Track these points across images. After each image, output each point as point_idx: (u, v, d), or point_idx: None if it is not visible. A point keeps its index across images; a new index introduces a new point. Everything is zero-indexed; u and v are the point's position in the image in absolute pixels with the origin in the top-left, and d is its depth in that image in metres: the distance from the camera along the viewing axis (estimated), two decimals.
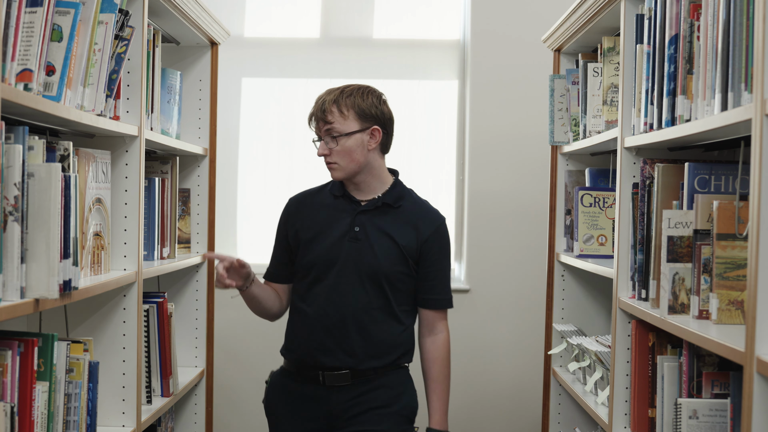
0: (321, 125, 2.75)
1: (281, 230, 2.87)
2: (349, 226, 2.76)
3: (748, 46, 1.85)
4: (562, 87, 3.64)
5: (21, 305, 1.91)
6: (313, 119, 2.77)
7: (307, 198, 2.87)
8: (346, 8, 4.59)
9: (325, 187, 2.88)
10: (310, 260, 2.76)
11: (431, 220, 2.83)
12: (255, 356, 4.48)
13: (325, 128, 2.74)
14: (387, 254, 2.75)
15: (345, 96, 2.79)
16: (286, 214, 2.86)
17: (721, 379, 2.23)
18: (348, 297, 2.73)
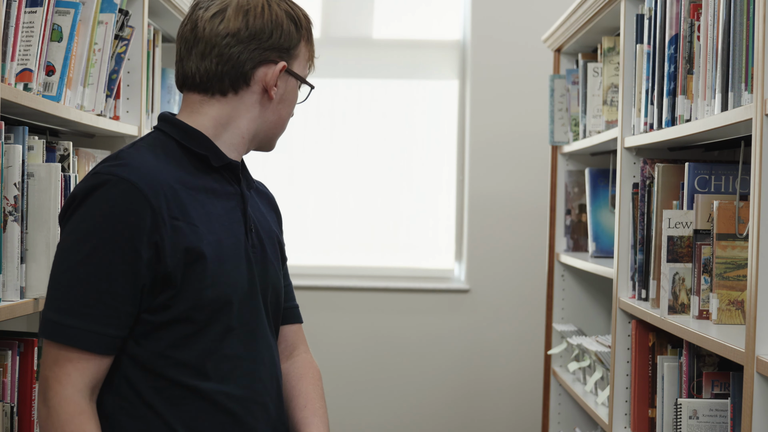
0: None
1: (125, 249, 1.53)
2: (243, 222, 1.70)
3: (748, 46, 1.85)
4: (562, 87, 3.64)
5: (21, 305, 1.91)
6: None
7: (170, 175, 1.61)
8: (346, 8, 4.59)
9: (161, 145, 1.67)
10: (218, 294, 1.61)
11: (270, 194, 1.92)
12: None
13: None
14: (278, 262, 1.79)
15: None
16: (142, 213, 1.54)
17: (721, 379, 2.23)
18: (266, 351, 1.71)
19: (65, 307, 1.52)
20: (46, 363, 1.53)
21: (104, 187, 1.54)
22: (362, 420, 4.51)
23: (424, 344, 4.51)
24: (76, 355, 1.52)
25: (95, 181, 1.55)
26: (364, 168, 4.59)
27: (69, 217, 1.56)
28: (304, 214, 4.57)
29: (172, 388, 1.59)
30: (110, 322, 1.53)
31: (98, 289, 1.52)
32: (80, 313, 1.52)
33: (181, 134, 1.67)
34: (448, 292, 4.52)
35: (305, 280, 4.48)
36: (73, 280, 1.52)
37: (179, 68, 1.69)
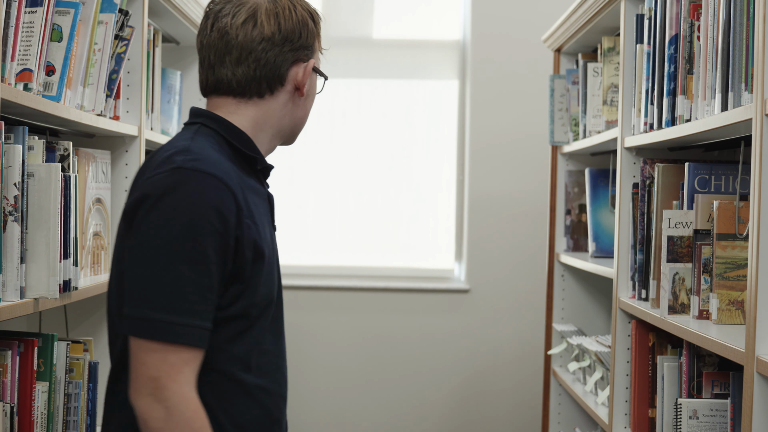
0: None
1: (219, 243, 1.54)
2: (272, 222, 1.77)
3: (748, 46, 1.85)
4: (562, 87, 3.64)
5: (21, 305, 1.91)
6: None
7: (237, 175, 1.65)
8: (346, 8, 4.59)
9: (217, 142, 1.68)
10: (268, 292, 1.65)
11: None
12: None
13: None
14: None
15: None
16: (231, 208, 1.56)
17: (721, 379, 2.23)
18: (284, 347, 1.77)
19: (173, 306, 1.49)
20: (151, 363, 1.49)
21: (193, 182, 1.52)
22: (362, 420, 4.51)
23: (424, 344, 4.51)
24: (186, 353, 1.50)
25: (181, 176, 1.52)
26: (364, 168, 4.59)
27: (150, 213, 1.51)
28: (304, 214, 4.57)
29: (222, 382, 1.59)
30: (209, 316, 1.53)
31: (201, 284, 1.50)
32: (189, 310, 1.49)
33: (230, 133, 1.68)
34: (448, 292, 4.51)
35: (305, 280, 4.48)
36: (177, 278, 1.49)
37: (209, 75, 1.69)
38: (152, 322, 1.48)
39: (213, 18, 1.69)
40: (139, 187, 1.56)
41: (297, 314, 4.47)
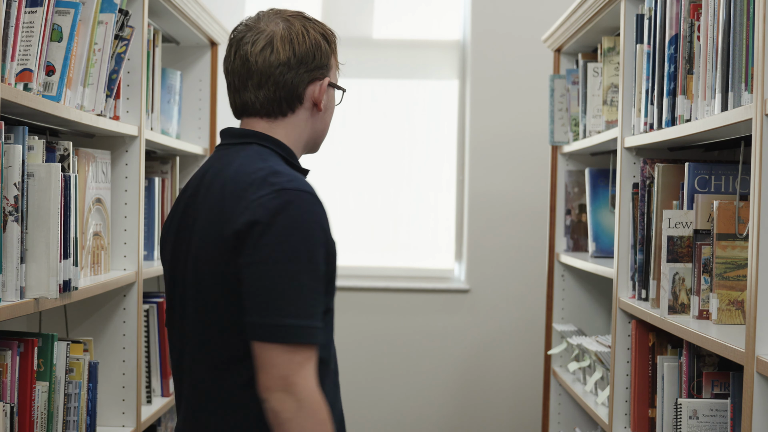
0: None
1: (325, 254, 1.75)
2: None
3: (748, 46, 1.85)
4: (562, 87, 3.64)
5: (21, 305, 1.91)
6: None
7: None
8: (346, 8, 4.59)
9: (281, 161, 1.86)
10: (335, 289, 1.88)
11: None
12: None
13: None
14: None
15: None
16: (327, 220, 1.77)
17: (721, 379, 2.23)
18: None
19: (298, 312, 1.68)
20: (281, 363, 1.67)
21: (298, 201, 1.70)
22: (362, 419, 4.51)
23: (424, 344, 4.51)
24: (308, 351, 1.69)
25: (287, 197, 1.70)
26: (364, 168, 4.59)
27: (266, 234, 1.68)
28: None
29: (319, 367, 1.77)
30: (321, 316, 1.74)
31: (317, 290, 1.71)
32: (310, 314, 1.69)
33: (283, 150, 1.86)
34: (448, 292, 4.52)
35: None
36: (298, 287, 1.68)
37: (236, 98, 1.86)
38: (281, 327, 1.67)
39: (235, 46, 1.85)
40: (245, 211, 1.70)
41: None
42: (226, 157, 1.82)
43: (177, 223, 1.85)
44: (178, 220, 1.85)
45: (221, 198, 1.74)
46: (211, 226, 1.74)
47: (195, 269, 1.77)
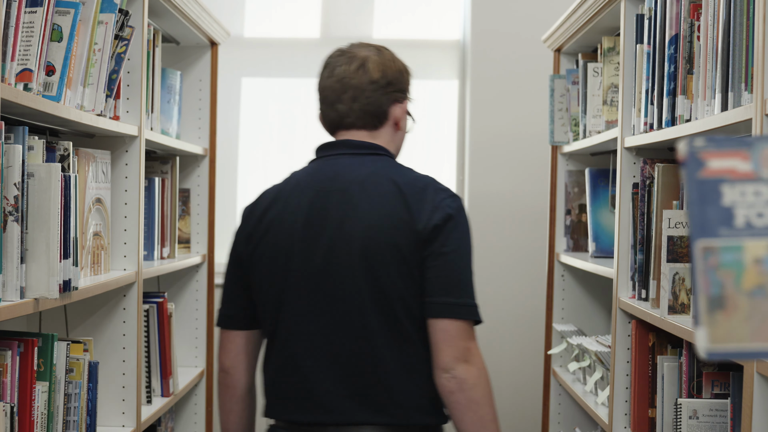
0: None
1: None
2: None
3: (748, 46, 1.85)
4: (562, 87, 3.65)
5: (21, 305, 1.91)
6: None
7: None
8: (346, 8, 4.59)
9: None
10: None
11: None
12: None
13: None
14: None
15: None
16: None
17: (721, 379, 2.23)
18: None
19: (474, 293, 2.05)
20: (466, 336, 2.00)
21: (461, 202, 2.08)
22: None
23: None
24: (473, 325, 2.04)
25: (459, 199, 2.06)
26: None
27: (458, 227, 2.02)
28: None
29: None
30: None
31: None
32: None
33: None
34: None
35: None
36: (472, 273, 2.05)
37: (330, 112, 2.14)
38: (469, 307, 2.00)
39: (331, 66, 2.14)
40: (437, 210, 2.01)
41: None
42: (359, 164, 2.07)
43: (306, 218, 2.04)
44: (305, 216, 2.04)
45: (399, 199, 2.01)
46: (390, 223, 1.99)
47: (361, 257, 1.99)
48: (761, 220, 0.94)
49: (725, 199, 0.95)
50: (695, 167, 0.95)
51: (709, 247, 0.94)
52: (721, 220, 0.95)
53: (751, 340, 0.93)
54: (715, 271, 0.94)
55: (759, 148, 0.96)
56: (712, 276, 0.94)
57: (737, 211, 0.95)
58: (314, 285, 2.02)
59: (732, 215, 0.95)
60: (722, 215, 0.95)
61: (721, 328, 0.94)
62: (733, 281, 0.94)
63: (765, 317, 0.93)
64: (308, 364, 2.03)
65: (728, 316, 0.93)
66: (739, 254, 0.94)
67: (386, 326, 2.00)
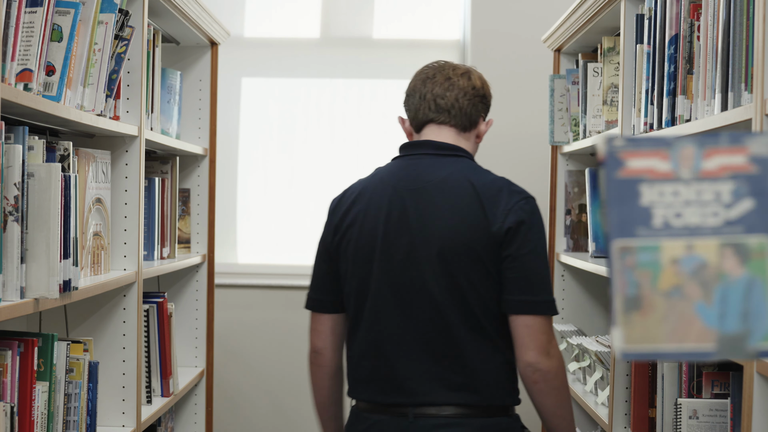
0: None
1: None
2: None
3: (748, 46, 1.85)
4: (562, 87, 3.64)
5: (21, 305, 1.91)
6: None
7: None
8: (346, 8, 4.59)
9: None
10: None
11: None
12: (255, 356, 4.48)
13: None
14: None
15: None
16: None
17: (721, 379, 2.23)
18: None
19: (552, 290, 2.17)
20: (547, 330, 2.11)
21: (537, 205, 2.20)
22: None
23: None
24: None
25: (534, 203, 2.18)
26: (365, 168, 4.58)
27: (532, 229, 2.14)
28: (304, 214, 4.57)
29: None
30: None
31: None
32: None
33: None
34: None
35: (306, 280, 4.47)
36: (549, 271, 2.18)
37: (429, 105, 2.27)
38: (548, 303, 2.13)
39: (434, 70, 2.31)
40: (510, 213, 2.13)
41: (297, 314, 4.47)
42: (439, 165, 2.21)
43: (387, 215, 2.18)
44: (387, 212, 2.19)
45: (475, 202, 2.14)
46: (467, 223, 2.12)
47: (438, 255, 2.12)
48: (679, 221, 0.94)
49: (643, 199, 0.94)
50: (614, 167, 0.95)
51: (626, 247, 0.94)
52: (639, 220, 0.94)
53: (666, 341, 0.93)
54: (632, 271, 0.93)
55: (678, 147, 0.95)
56: (628, 276, 0.93)
57: (655, 211, 0.94)
58: (396, 278, 2.16)
59: (650, 215, 0.94)
60: (640, 215, 0.94)
61: (637, 329, 0.93)
62: (650, 281, 0.93)
63: (681, 318, 0.93)
64: (390, 350, 2.17)
65: (644, 317, 0.93)
66: (657, 254, 0.93)
67: (463, 319, 2.13)
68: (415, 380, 2.16)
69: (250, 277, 4.50)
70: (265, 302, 4.49)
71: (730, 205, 0.94)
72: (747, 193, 0.93)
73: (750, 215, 0.93)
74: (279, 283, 4.49)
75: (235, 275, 4.48)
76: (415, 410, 2.15)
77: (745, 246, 0.93)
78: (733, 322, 0.93)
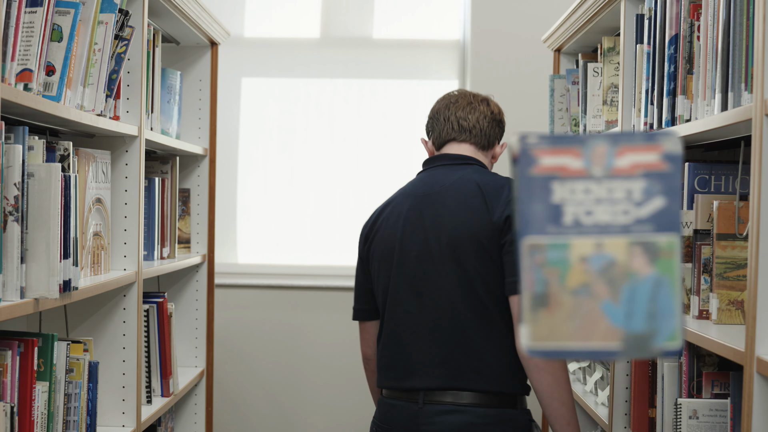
0: None
1: None
2: None
3: (748, 46, 1.85)
4: (562, 87, 3.64)
5: (21, 305, 1.91)
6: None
7: None
8: (346, 8, 4.59)
9: None
10: None
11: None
12: (255, 356, 4.48)
13: None
14: None
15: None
16: None
17: (721, 379, 2.23)
18: None
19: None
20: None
21: None
22: (362, 419, 4.51)
23: None
24: None
25: None
26: (365, 168, 4.59)
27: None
28: (304, 214, 4.57)
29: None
30: None
31: None
32: None
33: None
34: None
35: (305, 280, 4.49)
36: None
37: (452, 125, 2.54)
38: None
39: (455, 97, 2.60)
40: (509, 204, 2.31)
41: (297, 314, 4.47)
42: (451, 172, 2.46)
43: (406, 219, 2.43)
44: (405, 217, 2.44)
45: (479, 197, 2.34)
46: (472, 216, 2.32)
47: (448, 246, 2.32)
48: (590, 218, 0.93)
49: (555, 196, 0.93)
50: (527, 164, 0.94)
51: (535, 245, 0.93)
52: (550, 217, 0.93)
53: (572, 339, 0.92)
54: (541, 268, 0.93)
55: (591, 145, 0.94)
56: (537, 273, 0.93)
57: (566, 209, 0.93)
58: (412, 272, 2.36)
59: (561, 212, 0.93)
60: (551, 212, 0.93)
61: (544, 326, 0.93)
62: (558, 279, 0.93)
63: (587, 316, 0.92)
64: (406, 337, 2.35)
65: (551, 314, 0.93)
66: (566, 252, 0.93)
67: (470, 305, 2.29)
68: (426, 366, 2.33)
69: (250, 277, 4.50)
70: (265, 302, 4.49)
71: (641, 204, 0.93)
72: (658, 191, 0.92)
73: (660, 214, 0.92)
74: (279, 283, 4.49)
75: (235, 275, 4.49)
76: (426, 395, 2.32)
77: (654, 245, 0.92)
78: (640, 322, 0.92)
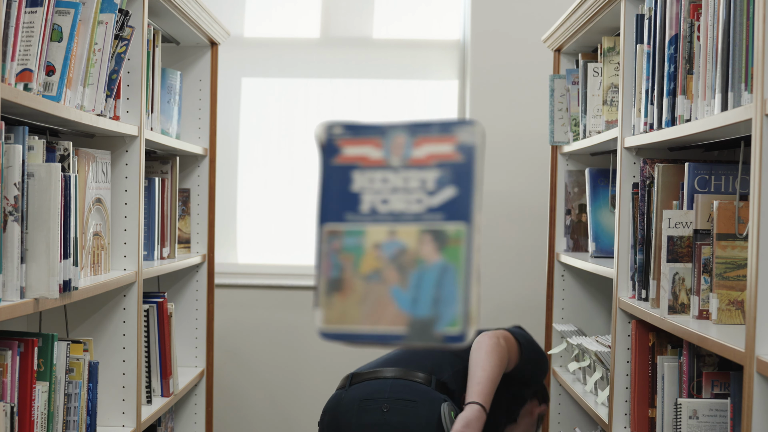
0: None
1: None
2: None
3: (748, 46, 1.85)
4: (562, 87, 3.64)
5: (21, 305, 1.91)
6: None
7: None
8: (346, 8, 4.59)
9: None
10: None
11: None
12: (255, 356, 4.48)
13: None
14: None
15: None
16: None
17: (721, 379, 2.23)
18: None
19: None
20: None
21: None
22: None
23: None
24: None
25: None
26: None
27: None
28: (304, 214, 4.57)
29: None
30: None
31: None
32: None
33: None
34: None
35: (305, 280, 4.49)
36: None
37: None
38: None
39: None
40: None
41: (296, 314, 4.47)
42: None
43: None
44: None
45: None
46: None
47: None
48: (385, 207, 0.97)
49: (355, 185, 0.97)
50: (331, 153, 0.98)
51: (334, 231, 0.97)
52: (349, 205, 0.97)
53: (361, 323, 0.96)
54: (338, 254, 0.96)
55: (391, 136, 0.98)
56: (333, 259, 0.96)
57: (364, 197, 0.97)
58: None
59: (359, 201, 0.97)
60: (350, 201, 0.97)
61: (336, 310, 0.96)
62: (352, 265, 0.96)
63: (377, 301, 0.96)
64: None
65: (344, 298, 0.96)
66: (361, 239, 0.96)
67: None
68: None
69: (250, 277, 4.50)
70: (265, 302, 4.49)
71: (433, 193, 0.96)
72: (450, 181, 0.96)
73: (451, 203, 0.95)
74: (279, 283, 4.49)
75: (235, 275, 4.49)
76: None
77: (443, 233, 0.95)
78: (424, 307, 0.95)
